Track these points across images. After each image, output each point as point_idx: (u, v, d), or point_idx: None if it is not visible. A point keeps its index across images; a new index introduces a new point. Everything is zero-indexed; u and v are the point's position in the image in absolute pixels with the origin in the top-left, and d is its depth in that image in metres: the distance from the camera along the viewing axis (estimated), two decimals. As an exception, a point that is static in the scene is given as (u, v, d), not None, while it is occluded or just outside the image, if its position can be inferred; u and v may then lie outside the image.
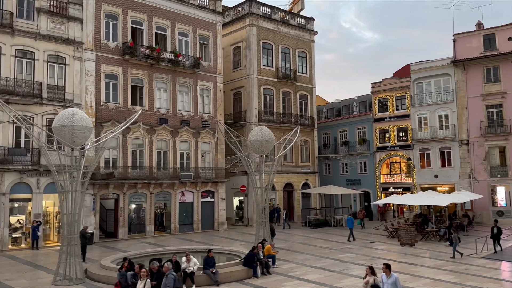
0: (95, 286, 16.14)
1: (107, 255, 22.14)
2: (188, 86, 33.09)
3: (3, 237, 24.35)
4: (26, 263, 20.90)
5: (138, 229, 30.09)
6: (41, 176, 25.77)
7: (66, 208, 17.04)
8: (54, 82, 26.81)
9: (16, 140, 25.20)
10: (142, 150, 30.35)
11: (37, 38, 26.00)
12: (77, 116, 16.95)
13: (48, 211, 27.17)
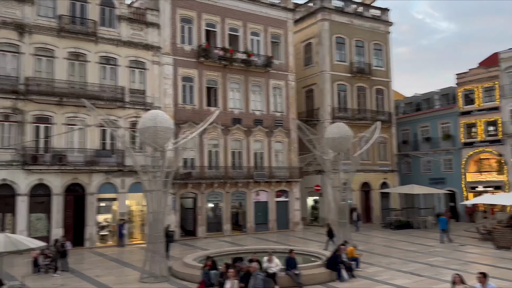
0: (180, 284, 16.33)
1: (188, 253, 22.52)
2: (260, 85, 32.99)
3: (92, 235, 25.81)
4: (113, 260, 21.89)
5: (216, 228, 30.51)
6: (125, 177, 26.99)
7: (152, 206, 17.47)
8: (135, 87, 28.00)
9: (102, 143, 26.62)
10: (217, 150, 30.74)
11: (118, 45, 27.30)
12: (160, 118, 17.36)
13: (132, 210, 28.41)
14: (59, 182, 24.99)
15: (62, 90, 25.06)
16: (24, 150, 24.08)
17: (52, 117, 25.16)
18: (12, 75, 24.32)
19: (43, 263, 18.58)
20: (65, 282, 16.78)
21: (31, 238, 12.89)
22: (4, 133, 24.03)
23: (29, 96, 24.16)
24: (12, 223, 23.81)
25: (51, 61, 25.37)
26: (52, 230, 24.55)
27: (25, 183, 24.11)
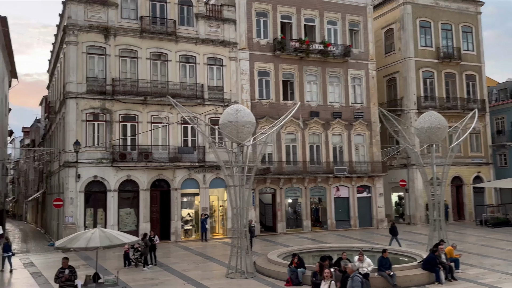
0: (266, 281, 15.95)
1: (269, 248, 22.22)
2: (338, 76, 31.72)
3: (177, 229, 26.46)
4: (198, 254, 22.16)
5: (295, 224, 29.94)
6: (206, 172, 27.33)
7: (235, 202, 17.28)
8: (213, 83, 28.24)
9: (184, 139, 27.16)
10: (295, 145, 30.08)
11: (197, 43, 27.65)
12: (241, 112, 17.11)
13: (213, 205, 28.76)
14: (145, 178, 25.91)
15: (146, 90, 25.92)
16: (113, 148, 25.26)
17: (137, 115, 26.13)
18: (100, 77, 25.59)
19: (133, 256, 19.25)
20: (155, 276, 17.15)
21: (123, 233, 13.20)
22: (95, 132, 25.37)
23: (116, 96, 25.27)
24: (104, 217, 25.10)
25: (134, 61, 26.33)
26: (140, 224, 25.52)
27: (115, 180, 25.28)
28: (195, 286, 15.37)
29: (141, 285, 15.54)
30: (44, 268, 19.32)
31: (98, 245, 11.44)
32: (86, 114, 25.06)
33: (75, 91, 24.77)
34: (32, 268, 19.52)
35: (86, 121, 25.07)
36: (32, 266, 19.92)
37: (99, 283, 11.95)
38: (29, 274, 18.12)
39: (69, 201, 24.21)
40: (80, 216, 24.35)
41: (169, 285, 15.60)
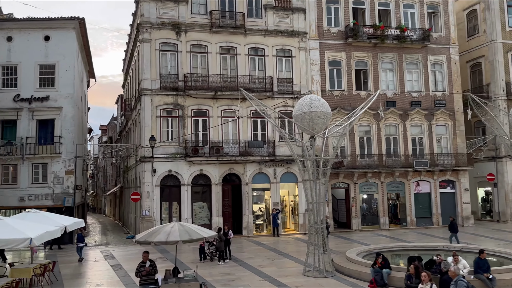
0: (347, 280, 14.99)
1: (345, 246, 21.21)
2: (416, 62, 29.62)
3: (249, 223, 26.20)
4: (271, 249, 21.66)
5: (371, 221, 28.48)
6: (277, 166, 26.78)
7: (310, 197, 16.49)
8: (282, 75, 27.56)
9: (254, 133, 26.80)
10: (369, 137, 28.57)
11: (265, 35, 27.11)
12: (316, 102, 16.22)
13: (284, 200, 28.16)
14: (217, 173, 25.92)
15: (216, 84, 25.88)
16: (186, 143, 25.53)
17: (208, 110, 26.19)
18: (172, 73, 25.95)
19: (208, 250, 19.18)
20: (231, 271, 16.88)
21: (201, 227, 12.97)
22: (168, 128, 25.80)
23: (188, 91, 25.47)
24: (178, 211, 25.47)
25: (205, 56, 26.39)
26: (212, 218, 25.60)
27: (188, 174, 25.54)
28: (272, 284, 14.81)
29: (218, 280, 15.29)
30: (124, 260, 19.87)
31: (178, 239, 11.24)
32: (160, 110, 25.53)
33: (149, 88, 25.32)
34: (112, 260, 20.16)
35: (160, 117, 25.55)
36: (112, 258, 20.58)
37: (178, 278, 11.79)
38: (109, 266, 18.68)
39: (146, 195, 24.84)
40: (156, 210, 24.90)
41: (245, 281, 15.21)
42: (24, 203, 25.69)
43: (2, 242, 10.70)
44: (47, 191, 26.27)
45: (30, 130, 26.52)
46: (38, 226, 12.40)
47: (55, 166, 26.48)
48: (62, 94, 27.12)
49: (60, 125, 26.85)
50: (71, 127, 27.17)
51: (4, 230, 11.01)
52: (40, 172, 26.46)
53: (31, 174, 26.31)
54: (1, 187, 25.80)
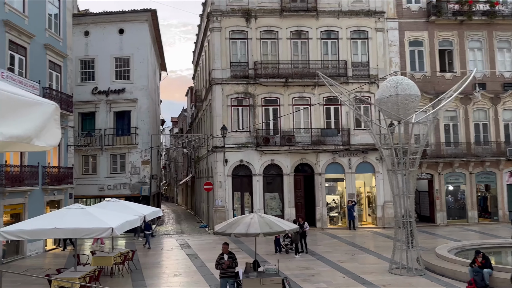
0: (441, 280, 13.52)
1: (431, 242, 19.57)
2: (509, 40, 26.65)
3: (322, 215, 25.16)
4: (349, 244, 20.50)
5: (458, 214, 26.20)
6: (352, 156, 25.40)
7: (397, 189, 15.10)
8: (357, 59, 25.99)
9: (327, 121, 25.58)
10: (455, 123, 26.17)
11: (339, 16, 25.66)
12: (403, 84, 14.75)
13: (360, 191, 26.71)
14: (288, 162, 25.12)
15: (286, 71, 24.98)
16: (257, 133, 24.97)
17: (278, 98, 25.40)
18: (242, 61, 25.43)
19: (283, 243, 18.48)
20: (309, 265, 16.04)
21: (281, 219, 12.25)
22: (239, 117, 25.39)
23: (258, 80, 24.84)
24: (250, 201, 25.06)
25: (275, 43, 25.55)
26: (285, 209, 24.90)
27: (259, 164, 25.00)
28: (356, 281, 13.74)
29: (296, 274, 14.52)
30: (199, 250, 19.80)
31: (259, 231, 10.59)
32: (230, 99, 25.19)
33: (220, 77, 25.03)
34: (188, 249, 20.19)
35: (231, 106, 25.20)
36: (188, 248, 20.63)
37: (259, 272, 11.19)
38: (186, 255, 18.65)
39: (218, 185, 24.69)
40: (228, 200, 24.69)
41: (326, 277, 14.28)
42: (103, 192, 26.74)
43: (85, 231, 10.73)
44: (125, 181, 27.11)
45: (108, 121, 27.46)
46: (118, 215, 12.39)
47: (132, 157, 27.23)
48: (137, 86, 27.76)
49: (136, 116, 27.53)
50: (146, 118, 27.77)
51: (87, 219, 11.05)
52: (118, 162, 27.39)
53: (109, 164, 27.31)
54: (82, 177, 27.03)
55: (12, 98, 2.45)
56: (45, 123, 2.66)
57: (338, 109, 25.26)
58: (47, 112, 2.71)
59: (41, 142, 2.63)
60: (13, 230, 10.58)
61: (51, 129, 2.75)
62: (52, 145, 2.78)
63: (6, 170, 16.97)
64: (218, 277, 13.77)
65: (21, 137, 2.40)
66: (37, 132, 2.56)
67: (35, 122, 2.57)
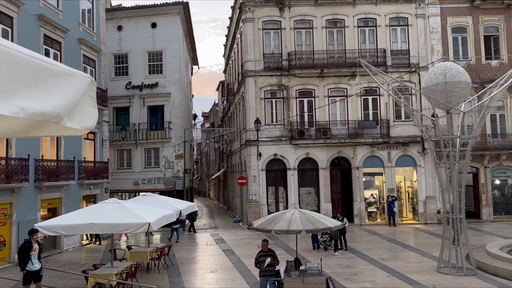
0: (495, 281, 12.51)
1: (478, 239, 18.45)
2: None
3: (361, 211, 24.26)
4: (391, 240, 19.58)
5: (505, 210, 24.72)
6: (391, 149, 24.34)
7: (445, 183, 14.13)
8: (397, 47, 24.82)
9: (365, 113, 24.59)
10: (503, 114, 24.64)
11: (377, 3, 24.56)
12: (452, 71, 13.72)
13: (400, 186, 25.61)
14: (324, 156, 24.34)
15: (322, 61, 24.13)
16: (291, 125, 24.29)
17: (313, 90, 24.60)
18: (276, 52, 24.76)
19: (321, 239, 17.81)
20: (350, 263, 15.31)
21: (323, 215, 11.60)
22: (273, 110, 24.76)
23: (292, 71, 24.11)
24: (285, 196, 24.46)
25: (309, 32, 24.73)
26: (320, 204, 24.16)
27: (294, 158, 24.34)
28: (402, 281, 12.92)
29: (338, 272, 13.83)
30: (235, 245, 19.39)
31: (301, 228, 9.97)
32: (264, 91, 24.59)
33: (253, 69, 24.47)
34: (223, 244, 19.82)
35: (264, 99, 24.61)
36: (222, 243, 20.26)
37: (301, 271, 10.59)
38: (221, 251, 18.27)
39: (252, 179, 24.21)
40: (262, 194, 24.18)
41: (370, 276, 13.53)
42: (138, 186, 26.77)
43: (122, 227, 10.44)
44: (159, 175, 27.05)
45: (142, 116, 27.43)
46: (155, 210, 12.08)
47: (165, 151, 27.13)
48: (169, 80, 27.58)
49: (169, 110, 27.37)
50: (179, 112, 27.57)
51: (124, 214, 10.77)
52: (152, 156, 27.35)
53: (144, 159, 27.31)
54: (117, 171, 27.15)
55: (36, 65, 1.90)
56: (78, 99, 2.13)
57: (377, 100, 24.23)
58: (81, 87, 2.17)
59: (74, 123, 2.09)
60: (49, 225, 10.41)
61: (86, 107, 2.22)
62: (87, 127, 2.25)
63: (43, 164, 17.06)
64: (258, 276, 13.35)
65: (47, 114, 1.86)
66: (68, 110, 2.02)
67: (66, 97, 2.02)
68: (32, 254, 10.03)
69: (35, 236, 10.17)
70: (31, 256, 10.01)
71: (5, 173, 14.49)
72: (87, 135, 21.31)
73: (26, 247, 10.09)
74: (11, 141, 15.48)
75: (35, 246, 10.14)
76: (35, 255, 10.12)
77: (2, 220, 14.88)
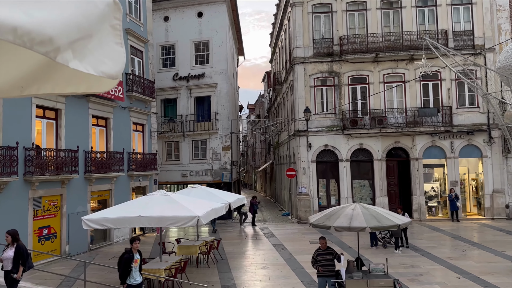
0: None
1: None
2: None
3: (420, 205, 22.61)
4: (455, 237, 17.96)
5: None
6: (454, 138, 22.44)
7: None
8: (459, 28, 22.78)
9: (424, 99, 22.80)
10: None
11: (438, -21, 22.57)
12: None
13: (463, 178, 23.65)
14: (379, 147, 22.86)
15: (376, 45, 22.59)
16: (343, 114, 22.99)
17: (367, 76, 23.11)
18: (327, 37, 23.47)
19: (380, 235, 16.55)
20: (414, 262, 13.99)
21: (389, 211, 10.43)
22: (323, 98, 23.55)
23: (344, 56, 22.75)
24: (337, 189, 23.26)
25: (363, 14, 23.20)
26: (376, 198, 22.75)
27: (346, 148, 23.06)
28: (476, 283, 11.51)
29: (401, 273, 12.59)
30: (285, 240, 18.54)
31: (364, 225, 8.90)
32: (314, 79, 23.42)
33: (302, 56, 23.34)
34: (273, 239, 19.03)
35: (314, 87, 23.43)
36: (272, 237, 19.48)
37: (364, 272, 9.55)
38: (271, 246, 17.48)
39: (302, 171, 23.19)
40: (312, 187, 23.12)
41: (438, 277, 12.22)
42: (186, 178, 26.52)
43: (171, 220, 9.86)
44: (207, 167, 26.66)
45: (189, 107, 27.10)
46: (203, 203, 11.43)
47: (212, 142, 26.68)
48: (216, 70, 27.02)
49: (216, 101, 26.85)
50: (225, 103, 26.98)
51: (171, 207, 10.20)
52: (199, 148, 27.00)
53: (191, 151, 27.00)
54: (165, 163, 27.04)
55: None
56: (92, 27, 1.22)
57: (438, 85, 22.39)
58: (97, 8, 1.31)
59: (85, 64, 1.22)
60: (96, 218, 10.00)
61: (106, 43, 1.34)
62: (108, 73, 1.32)
63: (93, 156, 16.95)
64: (309, 273, 12.43)
65: (28, 33, 1.03)
66: (73, 40, 1.16)
67: (69, 16, 1.18)
68: (133, 266, 8.70)
69: (136, 244, 8.90)
70: (132, 268, 8.67)
71: (55, 164, 14.41)
72: (136, 126, 21.17)
73: (127, 257, 8.74)
74: (61, 132, 15.41)
75: (136, 257, 8.83)
76: (136, 266, 8.80)
77: (53, 211, 14.86)
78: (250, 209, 23.77)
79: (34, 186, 13.71)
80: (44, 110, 14.90)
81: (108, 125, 18.68)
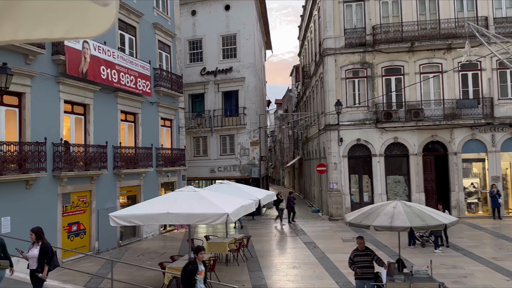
0: None
1: None
2: None
3: (459, 202, 21.47)
4: (499, 236, 16.88)
5: None
6: (496, 131, 21.17)
7: None
8: (501, 14, 21.41)
9: (463, 91, 21.59)
10: None
11: (478, -37, 21.24)
12: None
13: (506, 173, 22.31)
14: (415, 140, 21.83)
15: (412, 34, 21.51)
16: (376, 107, 22.06)
17: (402, 67, 22.08)
18: (359, 27, 22.56)
19: (418, 234, 15.68)
20: (455, 262, 13.12)
21: (433, 209, 9.66)
22: (355, 91, 22.68)
23: (377, 46, 21.79)
24: (370, 185, 22.40)
25: (397, 2, 22.16)
26: (412, 194, 21.76)
27: (380, 143, 22.14)
28: (528, 288, 10.59)
29: (442, 274, 11.77)
30: (317, 238, 17.91)
31: (408, 225, 8.22)
32: (345, 71, 22.57)
33: (332, 47, 22.52)
34: (304, 236, 18.44)
35: (346, 79, 22.59)
36: (303, 234, 18.89)
37: (406, 274, 8.85)
38: (303, 244, 16.90)
39: (333, 167, 22.44)
40: (344, 183, 22.33)
41: (483, 279, 11.35)
42: (214, 174, 26.21)
43: (199, 217, 9.44)
44: (235, 163, 26.28)
45: (216, 102, 26.75)
46: (232, 200, 10.97)
47: (240, 138, 26.26)
48: (244, 64, 26.54)
49: (244, 96, 26.40)
50: (253, 98, 26.49)
51: (200, 203, 9.79)
52: (227, 143, 26.64)
53: (219, 146, 26.67)
54: (193, 159, 26.82)
55: None
56: None
57: (478, 75, 21.14)
58: None
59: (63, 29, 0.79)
60: (124, 215, 9.69)
61: None
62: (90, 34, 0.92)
63: (121, 152, 16.80)
64: (345, 274, 11.80)
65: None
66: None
67: None
68: (198, 278, 7.86)
69: (201, 255, 8.01)
70: (196, 280, 7.84)
71: (84, 160, 14.28)
72: (164, 121, 20.96)
73: (191, 269, 7.84)
74: (89, 128, 15.29)
75: (201, 268, 7.96)
76: (201, 279, 7.95)
77: (82, 207, 14.77)
78: (287, 205, 23.21)
79: (63, 182, 13.62)
80: (73, 105, 14.80)
81: (137, 121, 18.52)
